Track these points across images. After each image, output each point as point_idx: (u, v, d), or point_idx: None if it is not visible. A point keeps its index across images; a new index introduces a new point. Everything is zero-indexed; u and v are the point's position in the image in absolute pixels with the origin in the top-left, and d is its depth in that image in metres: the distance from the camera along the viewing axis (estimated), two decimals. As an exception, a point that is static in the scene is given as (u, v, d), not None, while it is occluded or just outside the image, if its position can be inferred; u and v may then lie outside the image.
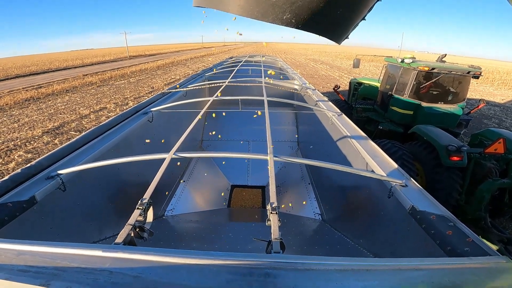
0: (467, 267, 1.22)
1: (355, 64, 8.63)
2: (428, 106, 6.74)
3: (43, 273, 0.99)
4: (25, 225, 1.89)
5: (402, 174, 2.33)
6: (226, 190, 5.31)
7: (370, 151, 2.83)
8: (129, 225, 1.34)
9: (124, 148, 3.19)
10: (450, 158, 4.73)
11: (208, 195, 5.05)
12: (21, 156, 8.27)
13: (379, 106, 8.32)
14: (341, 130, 3.69)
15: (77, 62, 48.05)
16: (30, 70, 37.00)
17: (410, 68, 6.81)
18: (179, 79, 23.72)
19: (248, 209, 4.80)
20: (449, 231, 1.62)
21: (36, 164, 2.20)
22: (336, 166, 2.05)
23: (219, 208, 4.75)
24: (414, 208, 1.88)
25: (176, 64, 39.97)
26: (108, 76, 26.28)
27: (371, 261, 1.19)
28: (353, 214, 3.26)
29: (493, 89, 24.93)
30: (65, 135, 10.20)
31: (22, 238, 1.86)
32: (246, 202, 5.02)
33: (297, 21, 0.75)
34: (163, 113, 4.31)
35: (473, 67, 6.55)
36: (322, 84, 21.54)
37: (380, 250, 2.39)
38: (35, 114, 13.24)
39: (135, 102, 15.22)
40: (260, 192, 5.31)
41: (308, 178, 5.29)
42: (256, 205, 4.96)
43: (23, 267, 1.03)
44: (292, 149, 6.81)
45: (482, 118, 13.70)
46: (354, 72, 29.54)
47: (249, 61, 11.12)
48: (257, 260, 1.10)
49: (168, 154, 2.07)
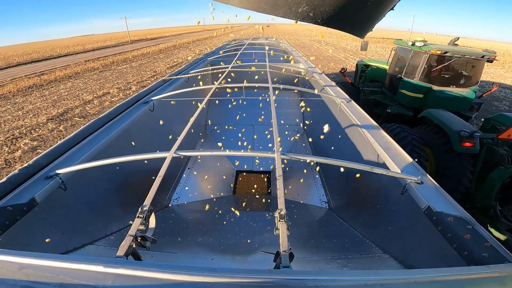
0: (486, 276, 1.14)
1: (363, 46, 8.39)
2: (439, 90, 6.55)
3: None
4: (27, 228, 1.84)
5: (418, 169, 2.20)
6: (232, 176, 5.23)
7: (382, 143, 2.70)
8: (130, 236, 1.27)
9: (125, 140, 3.10)
10: (462, 144, 4.58)
11: (214, 182, 4.98)
12: (27, 144, 8.29)
13: (388, 89, 8.13)
14: (351, 118, 3.54)
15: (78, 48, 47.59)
16: (32, 57, 36.77)
17: (421, 51, 6.61)
18: (182, 62, 23.39)
19: (254, 195, 4.74)
20: (467, 235, 1.52)
21: (34, 164, 2.12)
22: (348, 164, 1.94)
23: (225, 195, 4.69)
24: (431, 209, 1.78)
25: (178, 47, 39.36)
26: (110, 61, 26.08)
27: (385, 274, 1.11)
28: (362, 206, 3.17)
29: (504, 71, 24.28)
30: (70, 122, 10.19)
31: (26, 242, 1.84)
32: (252, 188, 4.95)
33: (316, 15, 0.61)
34: (164, 102, 4.17)
35: (487, 51, 6.30)
36: (327, 65, 21.05)
37: (390, 247, 2.31)
38: (38, 101, 13.22)
39: (138, 86, 15.11)
40: (266, 177, 5.24)
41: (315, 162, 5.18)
42: (262, 190, 4.89)
43: (26, 283, 1.01)
44: (297, 132, 6.68)
45: (492, 100, 13.32)
46: (360, 53, 28.80)
47: (252, 43, 10.81)
48: (265, 278, 1.03)
49: (169, 153, 1.98)
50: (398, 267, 2.06)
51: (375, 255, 2.32)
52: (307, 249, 2.63)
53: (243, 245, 2.81)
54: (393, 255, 2.22)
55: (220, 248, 2.77)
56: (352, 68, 17.95)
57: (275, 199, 1.42)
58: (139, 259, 1.31)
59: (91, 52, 40.71)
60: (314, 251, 2.61)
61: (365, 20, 0.71)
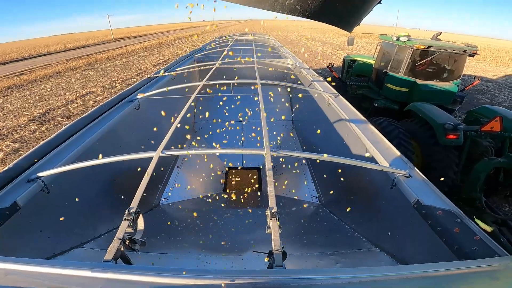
0: (477, 271, 1.16)
1: (349, 42, 8.49)
2: (423, 84, 6.68)
3: None
4: (12, 232, 1.77)
5: (405, 163, 2.22)
6: (222, 173, 5.19)
7: (370, 137, 2.71)
8: (117, 239, 1.23)
9: (110, 140, 3.01)
10: (447, 137, 4.67)
11: (204, 180, 4.92)
12: (9, 146, 7.99)
13: (374, 83, 8.24)
14: (339, 113, 3.55)
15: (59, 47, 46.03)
16: (10, 57, 35.32)
17: (406, 46, 6.73)
18: (168, 59, 23.01)
19: (245, 193, 4.71)
20: (457, 228, 1.54)
21: (15, 166, 2.03)
22: (337, 159, 1.93)
23: (215, 193, 4.64)
24: (419, 202, 1.79)
25: (164, 44, 38.70)
26: (93, 59, 25.35)
27: (377, 271, 1.12)
28: (352, 200, 3.19)
29: (485, 65, 24.93)
30: (52, 122, 9.88)
31: (12, 246, 1.78)
32: (243, 185, 4.92)
33: (303, 8, 0.58)
34: (150, 100, 4.08)
35: (469, 46, 6.47)
36: (314, 61, 21.13)
37: (381, 241, 2.32)
38: (19, 101, 12.75)
39: (123, 85, 14.77)
40: (256, 174, 5.22)
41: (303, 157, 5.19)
42: (253, 187, 4.86)
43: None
44: (287, 128, 6.68)
45: (474, 93, 13.69)
46: (346, 49, 29.03)
47: (239, 40, 10.73)
48: (258, 278, 1.02)
49: (156, 152, 1.93)
50: (390, 261, 2.08)
51: (367, 249, 2.34)
52: (300, 245, 2.63)
53: (236, 244, 2.79)
54: (385, 249, 2.24)
55: (212, 247, 2.74)
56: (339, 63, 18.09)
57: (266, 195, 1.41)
58: (128, 262, 1.27)
59: (73, 50, 39.46)
60: (306, 247, 2.62)
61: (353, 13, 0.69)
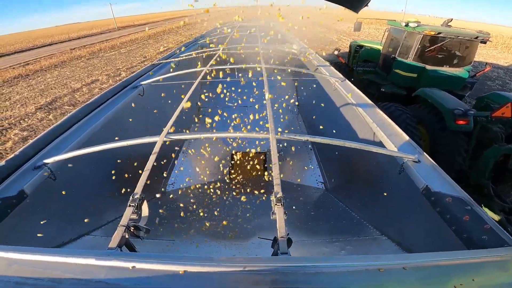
0: (487, 261, 1.13)
1: (356, 27, 8.30)
2: (433, 69, 6.55)
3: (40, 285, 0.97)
4: (19, 221, 1.78)
5: (415, 148, 2.15)
6: (227, 158, 5.16)
7: (378, 121, 2.65)
8: (122, 226, 1.22)
9: (115, 126, 3.00)
10: (456, 122, 4.59)
11: (209, 165, 4.89)
12: (17, 135, 8.09)
13: (381, 69, 8.11)
14: (345, 97, 3.48)
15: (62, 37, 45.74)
16: (15, 48, 35.20)
17: (415, 32, 6.59)
18: (172, 47, 22.79)
19: (250, 177, 4.68)
20: (466, 216, 1.48)
21: (21, 154, 2.03)
22: (344, 143, 1.89)
23: (221, 178, 4.63)
24: (428, 188, 1.73)
25: (168, 32, 38.21)
26: (97, 48, 25.26)
27: (384, 259, 1.09)
28: (358, 186, 3.15)
29: (497, 52, 24.28)
30: (59, 110, 9.95)
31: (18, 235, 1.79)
32: (248, 170, 4.87)
33: None
34: (154, 86, 4.05)
35: (481, 33, 6.29)
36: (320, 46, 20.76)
37: (387, 228, 2.29)
38: (25, 91, 12.84)
39: (128, 73, 14.75)
40: (262, 158, 5.20)
41: (309, 142, 5.13)
42: (258, 172, 4.84)
43: (18, 279, 0.99)
44: (292, 113, 6.60)
45: (485, 80, 13.36)
46: (352, 34, 28.38)
47: (243, 26, 10.55)
48: (263, 265, 1.01)
49: (159, 137, 1.91)
50: (396, 249, 2.04)
51: (373, 237, 2.31)
52: (304, 231, 2.62)
53: (241, 230, 2.79)
54: (391, 237, 2.20)
55: (218, 233, 2.75)
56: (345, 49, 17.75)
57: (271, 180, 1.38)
58: (133, 249, 1.27)
59: (77, 40, 39.21)
60: (312, 233, 2.60)
61: None
